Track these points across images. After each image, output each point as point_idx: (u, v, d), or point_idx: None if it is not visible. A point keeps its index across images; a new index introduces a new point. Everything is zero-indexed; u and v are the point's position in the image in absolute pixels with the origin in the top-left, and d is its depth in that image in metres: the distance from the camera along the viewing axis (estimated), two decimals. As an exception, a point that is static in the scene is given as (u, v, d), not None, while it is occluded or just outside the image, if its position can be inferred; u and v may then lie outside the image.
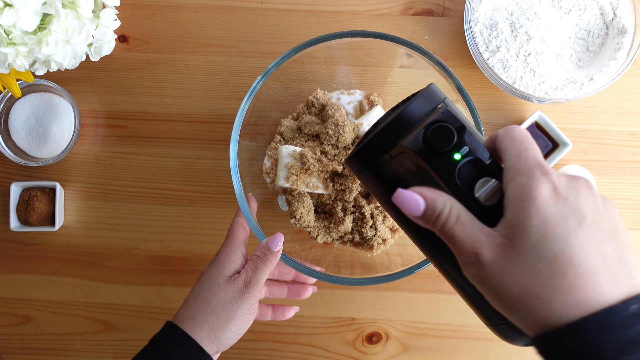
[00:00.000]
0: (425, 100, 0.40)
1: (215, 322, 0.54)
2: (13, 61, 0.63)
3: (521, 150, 0.35)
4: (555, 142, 0.74)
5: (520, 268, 0.33)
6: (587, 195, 0.34)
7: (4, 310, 0.76)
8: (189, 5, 0.77)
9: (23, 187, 0.75)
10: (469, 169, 0.37)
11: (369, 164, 0.41)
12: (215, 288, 0.55)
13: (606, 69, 0.70)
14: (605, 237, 0.33)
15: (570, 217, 0.33)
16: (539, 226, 0.32)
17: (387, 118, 0.46)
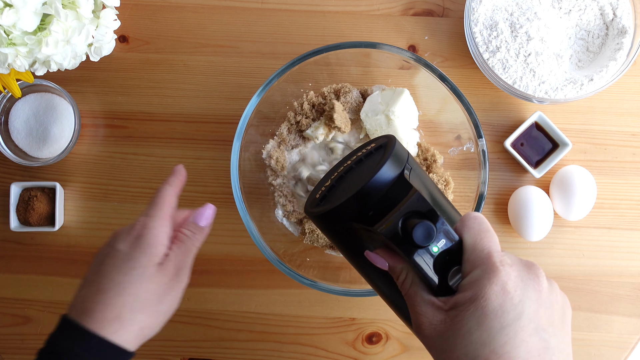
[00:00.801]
0: (392, 165, 0.42)
1: (145, 320, 0.46)
2: (13, 61, 0.63)
3: (476, 241, 0.39)
4: (555, 143, 0.74)
5: (452, 348, 0.37)
6: (534, 287, 0.38)
7: (3, 311, 0.76)
8: (189, 6, 0.77)
9: (23, 187, 0.75)
10: (442, 256, 0.39)
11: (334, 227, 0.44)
12: (146, 280, 0.46)
13: (606, 69, 0.69)
14: (536, 329, 0.37)
15: (510, 311, 0.36)
16: (479, 317, 0.36)
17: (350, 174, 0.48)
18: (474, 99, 0.76)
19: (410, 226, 0.38)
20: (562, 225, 0.75)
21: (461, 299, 0.37)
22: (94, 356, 0.44)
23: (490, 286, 0.36)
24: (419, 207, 0.39)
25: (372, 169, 0.42)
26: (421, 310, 0.39)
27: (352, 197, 0.41)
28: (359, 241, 0.44)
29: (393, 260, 0.41)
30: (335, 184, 0.49)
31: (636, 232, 0.75)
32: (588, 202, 0.71)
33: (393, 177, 0.41)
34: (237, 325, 0.75)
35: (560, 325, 0.38)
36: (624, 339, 0.74)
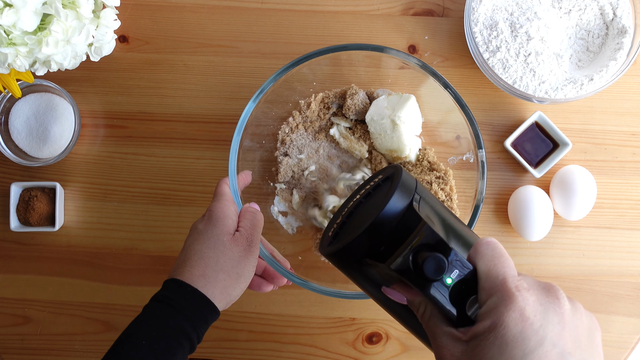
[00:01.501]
0: (400, 196, 0.41)
1: (227, 279, 0.53)
2: (13, 61, 0.63)
3: (490, 268, 0.38)
4: (555, 142, 0.74)
5: None
6: (555, 310, 0.37)
7: (4, 311, 0.76)
8: (189, 6, 0.77)
9: (23, 187, 0.75)
10: (457, 287, 0.38)
11: (349, 264, 0.43)
12: (221, 246, 0.54)
13: (606, 69, 0.69)
14: (562, 354, 0.35)
15: (532, 337, 0.35)
16: (499, 347, 0.35)
17: (361, 208, 0.47)
18: (474, 99, 0.76)
19: (421, 260, 0.37)
20: (562, 225, 0.75)
21: (480, 329, 0.36)
22: (188, 302, 0.51)
23: (507, 313, 0.36)
24: (429, 240, 0.38)
25: (380, 202, 0.42)
26: (442, 343, 0.39)
27: (362, 233, 0.40)
28: (375, 276, 0.43)
29: (410, 294, 0.41)
30: (346, 220, 0.48)
31: (636, 232, 0.75)
32: (588, 202, 0.71)
33: (402, 208, 0.41)
34: (237, 326, 0.75)
35: (589, 347, 0.38)
36: (624, 338, 0.74)
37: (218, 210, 0.56)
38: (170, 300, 0.51)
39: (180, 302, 0.51)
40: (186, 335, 0.50)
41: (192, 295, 0.51)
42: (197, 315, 0.51)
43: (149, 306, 0.52)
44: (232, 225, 0.56)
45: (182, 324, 0.50)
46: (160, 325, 0.50)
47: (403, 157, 0.71)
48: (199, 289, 0.52)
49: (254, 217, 0.58)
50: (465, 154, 0.70)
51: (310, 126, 0.73)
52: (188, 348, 0.51)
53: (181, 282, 0.52)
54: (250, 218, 0.57)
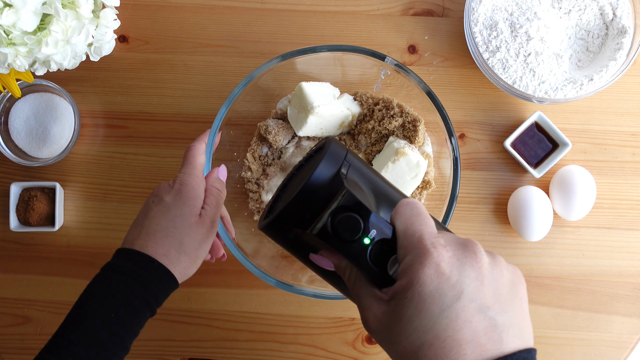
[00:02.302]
0: (328, 164, 0.41)
1: (187, 262, 0.54)
2: (13, 61, 0.63)
3: (407, 226, 0.38)
4: (555, 143, 0.74)
5: (397, 338, 0.36)
6: (472, 264, 0.36)
7: (4, 311, 0.76)
8: (189, 6, 0.77)
9: (23, 187, 0.74)
10: (379, 247, 0.38)
11: (282, 236, 0.44)
12: (187, 228, 0.53)
13: (606, 69, 0.70)
14: (480, 308, 0.35)
15: (448, 292, 0.35)
16: (417, 303, 0.35)
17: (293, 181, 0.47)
18: (473, 99, 0.76)
19: (337, 222, 0.38)
20: (562, 225, 0.75)
21: (398, 288, 0.36)
22: (155, 279, 0.51)
23: (422, 270, 0.35)
24: (348, 203, 0.38)
25: (308, 172, 0.42)
26: (365, 304, 0.39)
27: (289, 203, 0.41)
28: (307, 246, 0.44)
29: (335, 258, 0.42)
30: (280, 193, 0.48)
31: (636, 232, 0.75)
32: (588, 202, 0.71)
33: (329, 176, 0.41)
34: (237, 325, 0.75)
35: (510, 300, 0.37)
36: (624, 338, 0.74)
37: (189, 186, 0.55)
38: (137, 275, 0.51)
39: (147, 277, 0.51)
40: (150, 307, 0.52)
41: (159, 272, 0.52)
42: (162, 291, 0.52)
43: (113, 277, 0.51)
44: (200, 204, 0.55)
45: (148, 299, 0.51)
46: (127, 300, 0.50)
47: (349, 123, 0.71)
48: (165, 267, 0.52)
49: (219, 196, 0.57)
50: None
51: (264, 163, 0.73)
52: (149, 316, 0.52)
53: (147, 257, 0.52)
54: (215, 195, 0.57)
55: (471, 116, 0.75)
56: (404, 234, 0.38)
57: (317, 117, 0.66)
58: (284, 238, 0.45)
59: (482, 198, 0.75)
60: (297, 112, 0.69)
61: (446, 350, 0.34)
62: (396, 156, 0.65)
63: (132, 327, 0.51)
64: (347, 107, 0.70)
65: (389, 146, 0.68)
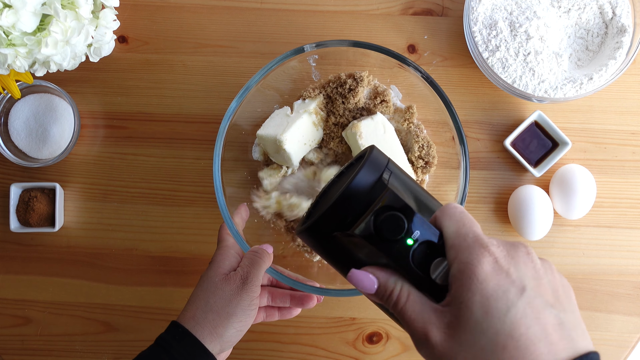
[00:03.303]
0: (370, 170, 0.41)
1: (215, 319, 0.54)
2: (12, 62, 0.63)
3: (459, 227, 0.37)
4: (555, 142, 0.74)
5: (466, 347, 0.34)
6: (527, 263, 0.36)
7: (4, 311, 0.76)
8: (188, 6, 0.77)
9: (23, 188, 0.74)
10: (422, 250, 0.37)
11: (321, 241, 0.43)
12: (213, 287, 0.56)
13: (606, 68, 0.69)
14: (545, 304, 0.34)
15: (510, 289, 0.34)
16: (481, 302, 0.34)
17: (333, 188, 0.47)
18: (473, 99, 0.76)
19: (380, 221, 0.37)
20: (562, 224, 0.75)
21: (457, 291, 0.35)
22: (178, 343, 0.53)
23: (481, 266, 0.34)
24: (392, 203, 0.38)
25: (349, 178, 0.42)
26: (424, 318, 0.36)
27: (330, 206, 0.40)
28: (348, 253, 0.42)
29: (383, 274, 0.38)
30: (319, 200, 0.48)
31: (636, 231, 0.75)
32: (588, 201, 0.71)
33: (371, 182, 0.40)
34: (238, 326, 0.75)
35: (568, 301, 0.36)
36: (624, 337, 0.74)
37: (217, 255, 0.59)
38: (165, 343, 0.54)
39: (172, 344, 0.53)
40: None
41: (182, 336, 0.53)
42: (185, 356, 0.53)
43: (150, 348, 0.55)
44: (229, 265, 0.58)
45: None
46: None
47: (320, 119, 0.71)
48: (189, 330, 0.54)
49: (255, 255, 0.58)
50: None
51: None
52: None
53: (175, 323, 0.55)
54: (250, 257, 0.58)
55: (471, 115, 0.75)
56: (456, 234, 0.37)
57: (291, 143, 0.67)
58: (323, 243, 0.43)
59: (483, 197, 0.75)
60: (275, 152, 0.69)
61: (521, 350, 0.33)
62: (353, 129, 0.67)
63: None
64: (303, 110, 0.69)
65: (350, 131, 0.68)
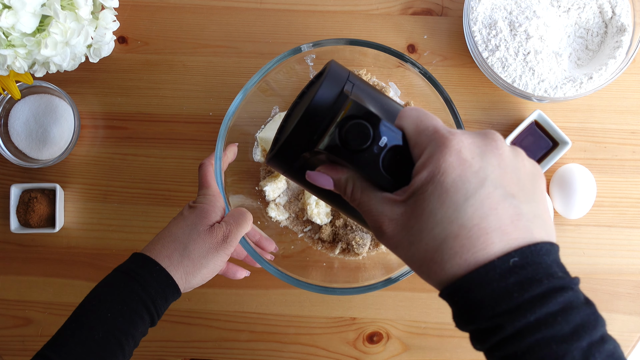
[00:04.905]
0: (331, 84, 0.39)
1: (189, 266, 0.54)
2: (12, 63, 0.63)
3: (417, 123, 0.36)
4: (555, 141, 0.74)
5: (418, 236, 0.34)
6: (493, 151, 0.34)
7: (4, 312, 0.76)
8: (188, 6, 0.77)
9: (23, 188, 0.75)
10: (390, 156, 0.36)
11: (291, 165, 0.41)
12: (195, 234, 0.55)
13: (605, 67, 0.69)
14: (505, 195, 0.33)
15: (471, 179, 0.33)
16: (439, 194, 0.33)
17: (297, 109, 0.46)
18: (473, 98, 0.76)
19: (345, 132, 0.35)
20: (562, 224, 0.75)
21: (417, 183, 0.34)
22: (154, 279, 0.52)
23: (443, 158, 0.33)
24: (355, 112, 0.35)
25: (311, 95, 0.40)
26: (378, 210, 0.36)
27: (294, 127, 0.38)
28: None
29: (335, 172, 0.38)
30: (284, 124, 0.46)
31: (636, 230, 0.75)
32: (588, 201, 0.71)
33: (333, 96, 0.38)
34: (238, 326, 0.75)
35: (532, 191, 0.35)
36: (625, 337, 0.74)
37: (203, 204, 0.58)
38: (136, 275, 0.52)
39: (146, 278, 0.52)
40: (148, 310, 0.52)
41: (159, 274, 0.53)
42: (160, 293, 0.53)
43: (114, 276, 0.53)
44: (215, 218, 0.57)
45: (145, 299, 0.52)
46: (125, 299, 0.51)
47: None
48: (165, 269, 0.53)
49: (240, 217, 0.58)
50: None
51: None
52: (149, 321, 0.53)
53: (149, 259, 0.54)
54: (236, 215, 0.58)
55: (471, 115, 0.75)
56: (416, 132, 0.36)
57: None
58: (292, 167, 0.42)
59: (482, 197, 0.75)
60: None
61: (472, 239, 0.32)
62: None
63: (127, 328, 0.51)
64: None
65: None
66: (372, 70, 0.72)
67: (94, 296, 0.52)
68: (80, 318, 0.51)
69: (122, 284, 0.52)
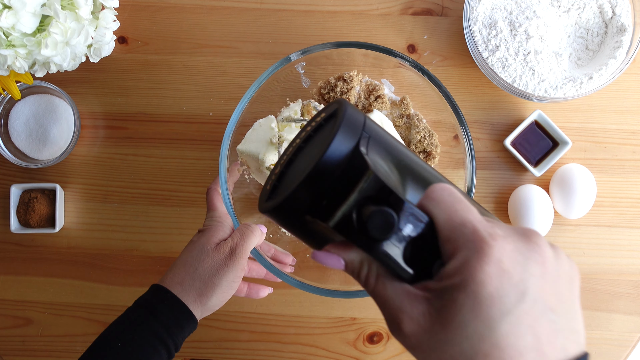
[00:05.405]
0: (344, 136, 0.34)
1: (202, 287, 0.55)
2: (12, 63, 0.63)
3: (450, 214, 0.32)
4: (555, 141, 0.74)
5: (443, 347, 0.31)
6: (536, 259, 0.31)
7: (4, 312, 0.76)
8: (188, 6, 0.77)
9: (23, 189, 0.75)
10: (414, 244, 0.32)
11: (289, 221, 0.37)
12: (203, 255, 0.56)
13: (605, 67, 0.69)
14: (544, 310, 0.31)
15: (510, 293, 0.30)
16: (472, 305, 0.30)
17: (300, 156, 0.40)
18: (473, 98, 0.76)
19: (366, 215, 0.31)
20: (562, 224, 0.75)
21: (447, 286, 0.31)
22: (165, 307, 0.53)
23: (482, 267, 0.30)
24: (376, 190, 0.31)
25: (321, 147, 0.35)
26: (396, 305, 0.33)
27: (298, 185, 0.33)
28: (321, 235, 0.36)
29: (347, 252, 0.34)
30: (284, 170, 0.40)
31: (636, 230, 0.75)
32: (588, 201, 0.71)
33: (346, 152, 0.33)
34: (238, 326, 0.75)
35: (570, 299, 0.32)
36: (625, 337, 0.74)
37: (212, 225, 0.59)
38: (148, 304, 0.53)
39: (157, 306, 0.53)
40: (161, 340, 0.52)
41: (170, 301, 0.53)
42: (173, 321, 0.52)
43: (130, 309, 0.54)
44: (221, 236, 0.58)
45: (156, 328, 0.52)
46: (135, 328, 0.52)
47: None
48: (177, 295, 0.54)
49: (246, 229, 0.58)
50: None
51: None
52: (165, 355, 0.52)
53: (160, 287, 0.54)
54: (242, 230, 0.58)
55: (471, 115, 0.75)
56: (449, 225, 0.32)
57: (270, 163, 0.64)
58: (292, 225, 0.37)
59: (483, 197, 0.75)
60: (257, 170, 0.66)
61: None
62: None
63: (137, 356, 0.51)
64: (288, 117, 0.66)
65: None
66: (363, 70, 0.72)
67: (108, 329, 0.53)
68: (92, 349, 0.52)
69: (134, 315, 0.53)
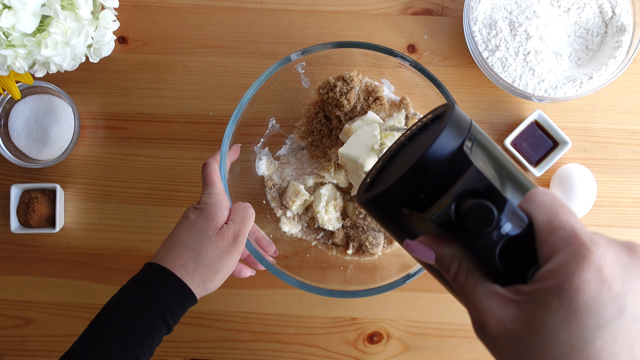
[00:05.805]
0: (449, 135, 0.34)
1: (205, 273, 0.54)
2: (12, 63, 0.63)
3: (551, 217, 0.31)
4: (555, 141, 0.74)
5: (529, 354, 0.30)
6: (638, 273, 0.30)
7: (4, 312, 0.76)
8: (188, 6, 0.77)
9: (23, 189, 0.75)
10: (508, 244, 0.32)
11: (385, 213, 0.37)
12: (206, 240, 0.55)
13: (605, 67, 0.69)
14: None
15: (608, 305, 0.28)
16: (566, 313, 0.28)
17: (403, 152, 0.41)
18: (473, 98, 0.76)
19: (465, 209, 0.31)
20: (563, 224, 0.75)
21: (540, 290, 0.29)
22: (170, 290, 0.52)
23: (579, 272, 0.28)
24: (477, 186, 0.31)
25: (425, 144, 0.35)
26: (484, 305, 0.31)
27: (400, 178, 0.34)
28: (415, 230, 0.36)
29: (440, 246, 0.34)
30: (385, 165, 0.41)
31: (636, 230, 0.75)
32: (588, 200, 0.71)
33: (450, 151, 0.33)
34: (238, 326, 0.75)
35: None
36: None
37: (209, 204, 0.57)
38: (152, 286, 0.52)
39: (162, 289, 0.52)
40: (164, 320, 0.52)
41: (175, 284, 0.53)
42: (177, 303, 0.53)
43: (130, 288, 0.53)
44: (222, 219, 0.57)
45: (162, 310, 0.52)
46: (142, 311, 0.51)
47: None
48: (180, 279, 0.53)
49: (245, 212, 0.58)
50: None
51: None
52: (165, 331, 0.53)
53: (164, 269, 0.53)
54: (241, 212, 0.58)
55: (471, 115, 0.75)
56: (549, 227, 0.31)
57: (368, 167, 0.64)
58: (387, 217, 0.37)
59: (483, 197, 0.75)
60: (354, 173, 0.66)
61: None
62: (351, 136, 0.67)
63: (144, 339, 0.50)
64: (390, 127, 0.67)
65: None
66: (363, 70, 0.72)
67: (109, 308, 0.52)
68: (96, 330, 0.50)
69: (139, 296, 0.52)
